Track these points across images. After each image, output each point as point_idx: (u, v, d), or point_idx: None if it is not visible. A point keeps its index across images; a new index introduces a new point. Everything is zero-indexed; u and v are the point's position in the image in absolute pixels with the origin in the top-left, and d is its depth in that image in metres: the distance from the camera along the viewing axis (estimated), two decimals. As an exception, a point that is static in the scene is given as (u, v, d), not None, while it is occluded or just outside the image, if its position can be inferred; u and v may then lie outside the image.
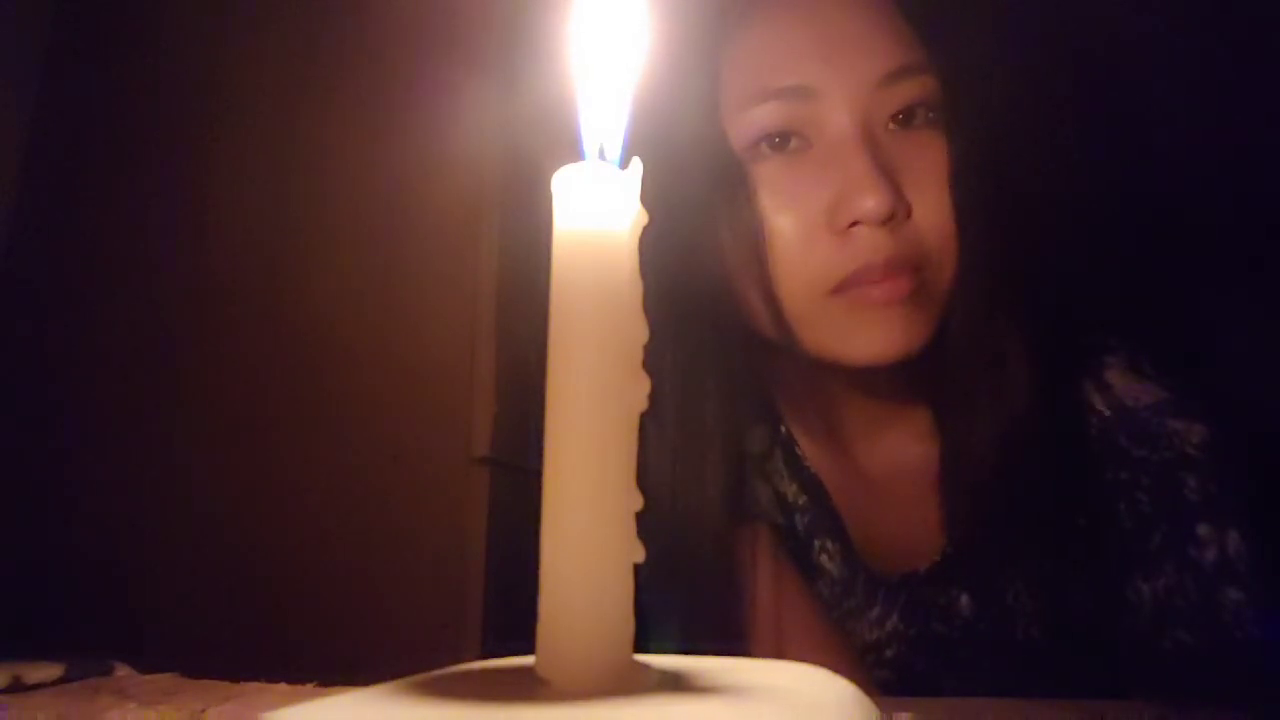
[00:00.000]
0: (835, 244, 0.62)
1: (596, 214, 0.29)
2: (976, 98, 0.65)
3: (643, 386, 0.29)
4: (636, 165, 0.30)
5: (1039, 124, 0.78)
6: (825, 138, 0.63)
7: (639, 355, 0.29)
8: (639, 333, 0.29)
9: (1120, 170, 0.98)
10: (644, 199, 0.30)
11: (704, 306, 0.67)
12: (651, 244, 0.30)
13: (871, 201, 0.60)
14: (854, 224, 0.61)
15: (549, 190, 0.29)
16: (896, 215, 0.61)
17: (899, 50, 0.64)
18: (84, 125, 0.92)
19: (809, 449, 0.75)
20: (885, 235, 0.61)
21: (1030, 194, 0.70)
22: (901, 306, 0.62)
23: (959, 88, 0.64)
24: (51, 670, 0.54)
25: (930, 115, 0.64)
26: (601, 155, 0.31)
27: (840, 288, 0.62)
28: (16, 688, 0.51)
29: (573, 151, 0.30)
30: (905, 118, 0.64)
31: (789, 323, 0.64)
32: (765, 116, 0.64)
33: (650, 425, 0.30)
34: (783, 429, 0.76)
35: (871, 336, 0.62)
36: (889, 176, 0.61)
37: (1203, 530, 0.63)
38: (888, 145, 0.63)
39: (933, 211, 0.63)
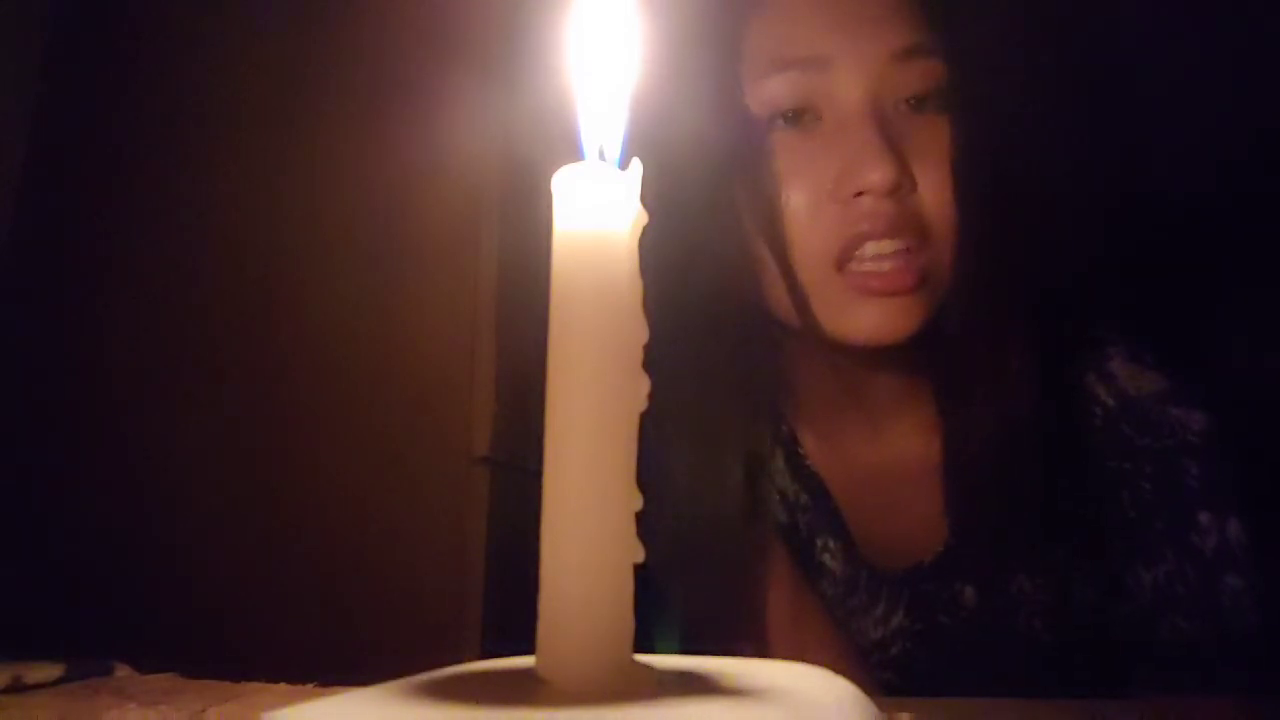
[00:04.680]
0: (840, 213, 0.63)
1: (596, 214, 0.29)
2: (983, 84, 0.66)
3: (643, 386, 0.29)
4: (636, 165, 0.30)
5: (1044, 113, 0.78)
6: (836, 110, 0.65)
7: (639, 355, 0.29)
8: (639, 333, 0.29)
9: (1123, 162, 0.98)
10: (660, 183, 0.30)
11: (716, 290, 0.67)
12: (665, 228, 0.30)
13: (877, 174, 0.62)
14: (859, 194, 0.62)
15: (549, 191, 0.29)
16: (901, 188, 0.63)
17: (911, 29, 0.65)
18: (82, 129, 0.92)
19: (811, 447, 0.75)
20: (889, 206, 0.62)
21: (1033, 182, 0.70)
22: (902, 292, 0.63)
23: (966, 73, 0.65)
24: (51, 670, 0.54)
25: (941, 102, 0.65)
26: (601, 156, 0.31)
27: (842, 263, 0.63)
28: (16, 688, 0.51)
29: (573, 152, 0.30)
30: (917, 103, 0.65)
31: (801, 291, 0.64)
32: (780, 87, 0.65)
33: (655, 424, 0.30)
34: (784, 428, 0.76)
35: (871, 315, 0.63)
36: (896, 151, 0.62)
37: (1204, 517, 0.63)
38: (897, 123, 0.64)
39: (936, 191, 0.64)
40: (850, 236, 0.63)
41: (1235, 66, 0.95)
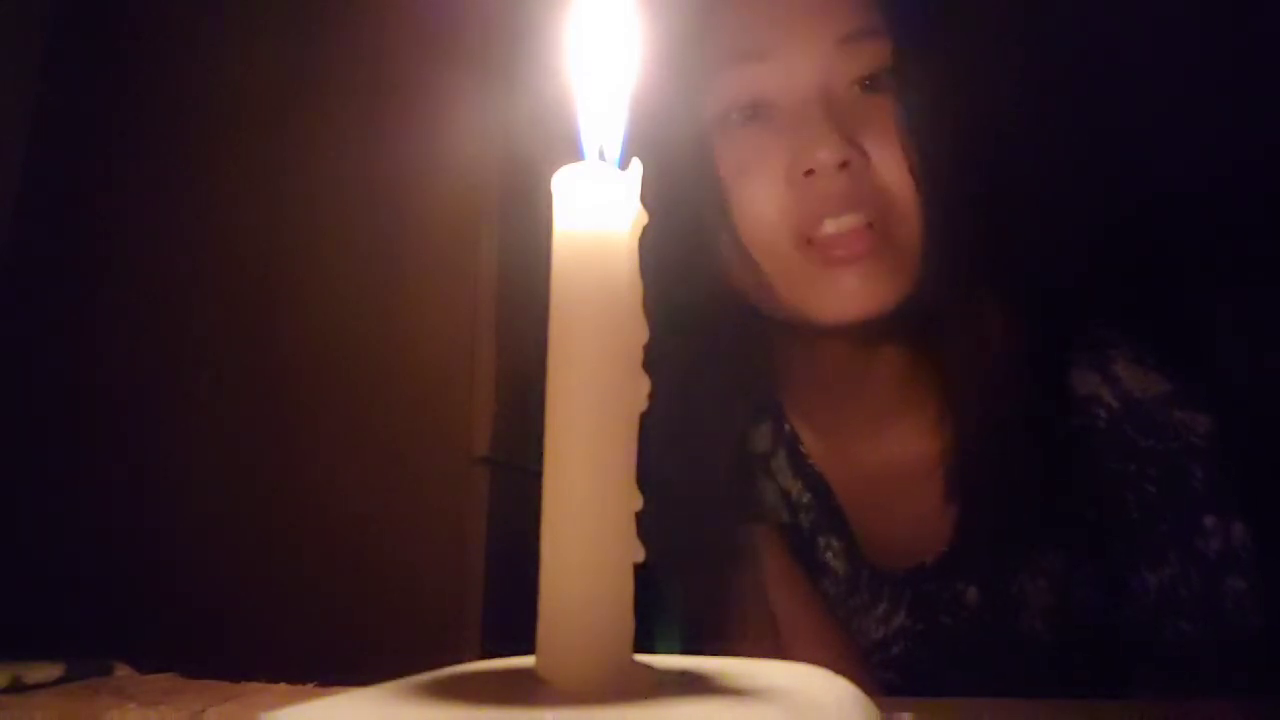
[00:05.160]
0: (795, 194, 0.64)
1: (596, 214, 0.29)
2: (928, 61, 0.66)
3: (643, 386, 0.29)
4: (636, 165, 0.30)
5: (1000, 94, 0.78)
6: (786, 99, 0.66)
7: (639, 355, 0.29)
8: (639, 333, 0.29)
9: (1118, 157, 0.98)
10: (650, 183, 0.30)
11: (704, 287, 0.68)
12: (656, 227, 0.30)
13: (824, 150, 0.63)
14: (810, 172, 0.63)
15: (549, 191, 0.29)
16: (851, 163, 0.63)
17: (855, 14, 0.66)
18: (82, 129, 0.92)
19: (813, 446, 0.75)
20: (842, 181, 0.63)
21: (993, 161, 0.70)
22: (866, 263, 0.63)
23: (911, 51, 0.66)
24: (51, 670, 0.54)
25: (894, 80, 0.66)
26: (601, 156, 0.31)
27: (803, 240, 0.64)
28: (16, 688, 0.51)
29: (573, 152, 0.30)
30: (871, 84, 0.66)
31: (764, 276, 0.65)
32: (732, 82, 0.67)
33: (654, 424, 0.30)
34: (787, 427, 0.76)
35: (838, 290, 0.63)
36: (846, 129, 0.63)
37: (1208, 520, 0.63)
38: (849, 104, 0.65)
39: (893, 164, 0.65)
40: (807, 215, 0.64)
41: (1236, 60, 0.95)
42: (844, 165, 0.63)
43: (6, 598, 0.75)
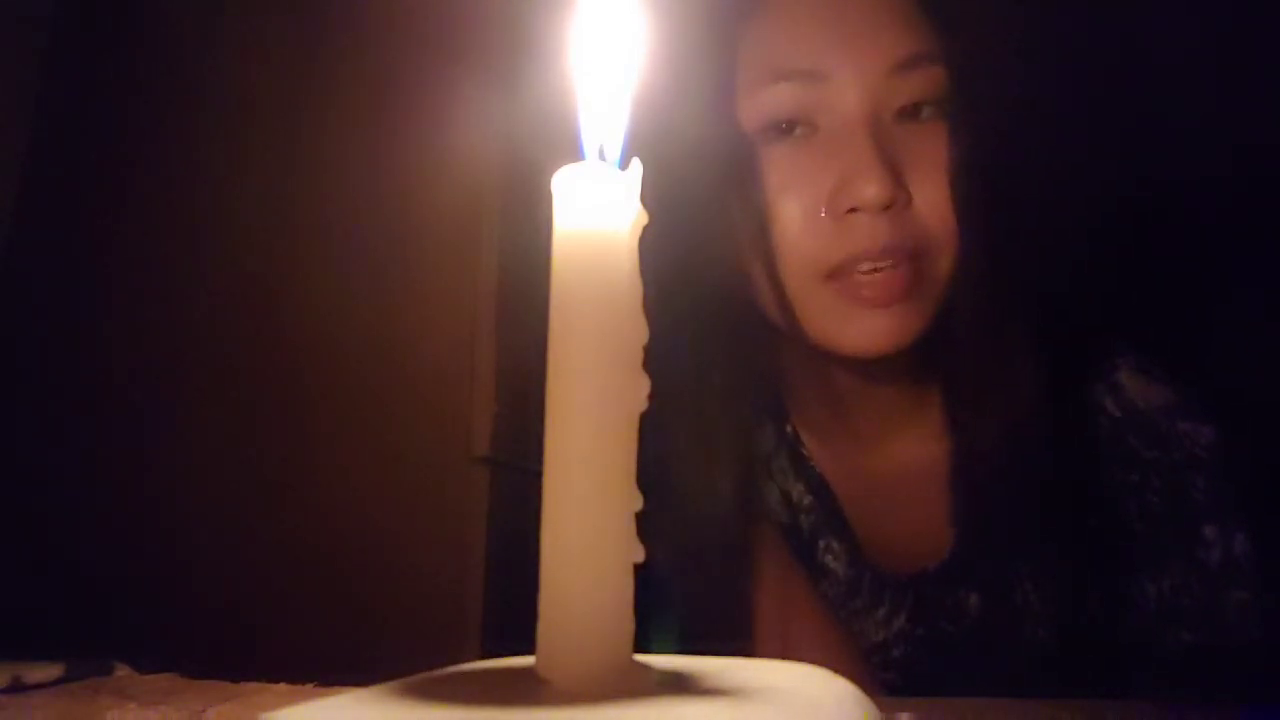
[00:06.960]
0: (833, 229, 0.62)
1: (596, 214, 0.29)
2: (985, 90, 0.65)
3: (643, 386, 0.29)
4: (636, 165, 0.30)
5: (1046, 120, 0.77)
6: (832, 123, 0.63)
7: (639, 355, 0.29)
8: (639, 333, 0.29)
9: (1129, 172, 0.98)
10: (656, 187, 0.30)
11: (712, 293, 0.67)
12: (661, 230, 0.30)
13: (872, 189, 0.60)
14: (853, 210, 0.61)
15: (549, 191, 0.29)
16: (896, 203, 0.61)
17: (911, 38, 0.64)
18: (83, 127, 0.92)
19: (815, 448, 0.75)
20: (884, 223, 0.61)
21: (1035, 190, 0.70)
22: (896, 303, 0.62)
23: (968, 79, 0.64)
24: (51, 670, 0.54)
25: (939, 109, 0.64)
26: (601, 156, 0.31)
27: (834, 274, 0.62)
28: (16, 688, 0.51)
29: (573, 152, 0.30)
30: (914, 110, 0.64)
31: (789, 304, 0.64)
32: (775, 99, 0.64)
33: (656, 424, 0.30)
34: (789, 428, 0.76)
35: (864, 327, 0.62)
36: (891, 164, 0.61)
37: (1209, 531, 0.63)
38: (894, 134, 0.63)
39: (934, 202, 0.63)
40: (846, 255, 0.62)
41: (1250, 78, 0.94)
42: (889, 205, 0.61)
43: (6, 598, 0.75)
